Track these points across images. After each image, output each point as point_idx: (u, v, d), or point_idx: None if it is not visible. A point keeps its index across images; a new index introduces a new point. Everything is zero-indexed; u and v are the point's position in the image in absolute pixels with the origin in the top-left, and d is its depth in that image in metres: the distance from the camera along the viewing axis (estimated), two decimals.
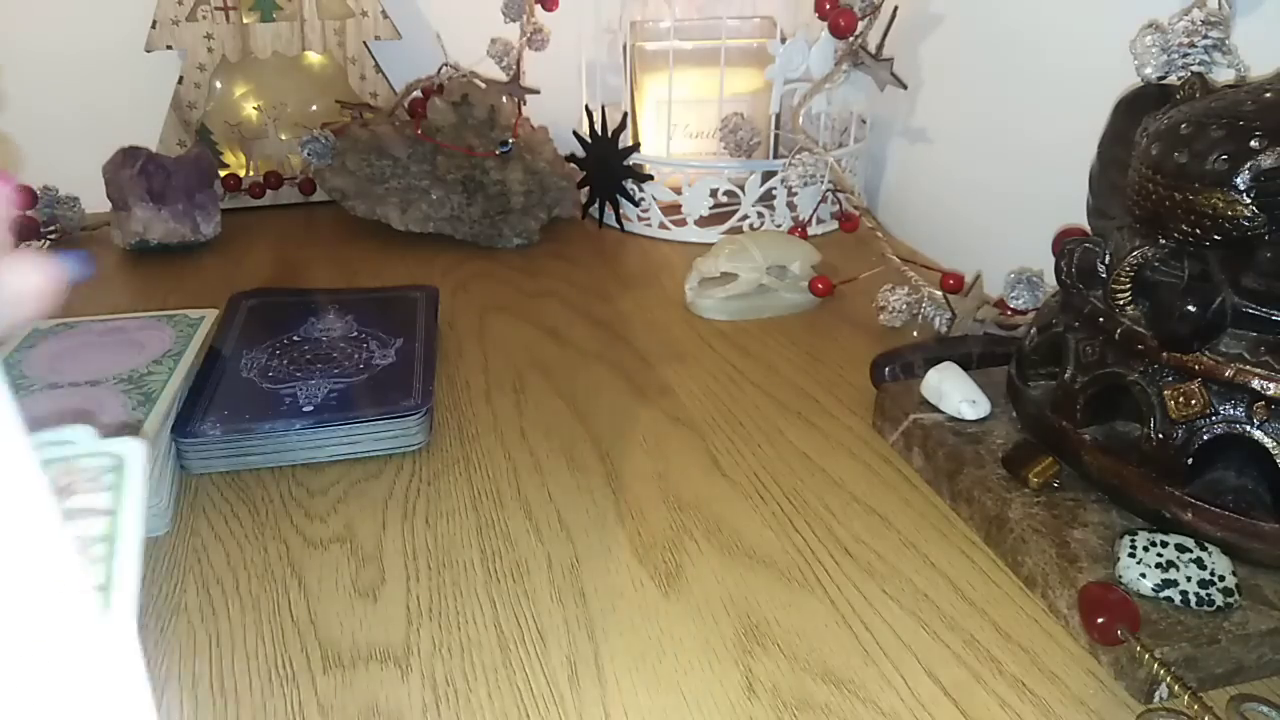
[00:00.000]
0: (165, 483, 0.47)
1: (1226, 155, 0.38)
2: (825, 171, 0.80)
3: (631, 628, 0.40)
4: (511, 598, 0.42)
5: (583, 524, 0.47)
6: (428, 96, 0.87)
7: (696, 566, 0.44)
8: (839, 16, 0.77)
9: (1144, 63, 0.49)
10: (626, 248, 0.85)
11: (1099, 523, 0.43)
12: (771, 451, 0.53)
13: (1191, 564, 0.38)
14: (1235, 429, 0.38)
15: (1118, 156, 0.47)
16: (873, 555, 0.44)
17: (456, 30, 0.93)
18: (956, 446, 0.48)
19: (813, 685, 0.37)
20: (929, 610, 0.41)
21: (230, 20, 0.86)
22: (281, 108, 0.93)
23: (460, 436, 0.54)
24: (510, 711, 0.36)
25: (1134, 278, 0.42)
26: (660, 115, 0.88)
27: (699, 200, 0.85)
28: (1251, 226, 0.38)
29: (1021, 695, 0.37)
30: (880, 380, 0.57)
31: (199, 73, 0.87)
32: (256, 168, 0.94)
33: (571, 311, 0.71)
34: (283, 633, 0.40)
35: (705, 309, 0.70)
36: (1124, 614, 0.36)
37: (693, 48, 0.87)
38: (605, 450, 0.53)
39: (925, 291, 0.66)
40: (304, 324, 0.61)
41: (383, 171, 0.84)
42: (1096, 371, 0.43)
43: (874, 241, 0.75)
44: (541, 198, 0.85)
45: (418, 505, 0.48)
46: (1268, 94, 0.39)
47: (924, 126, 0.88)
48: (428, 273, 0.78)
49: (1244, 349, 0.39)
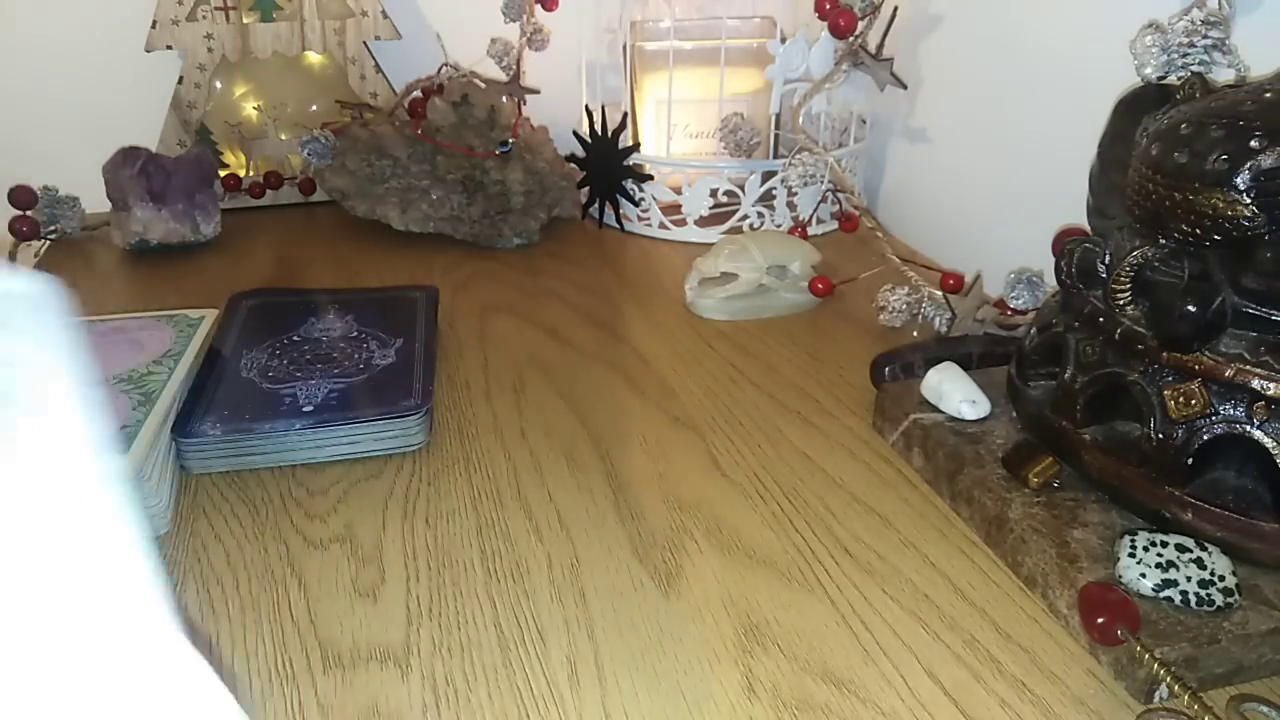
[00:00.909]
0: (165, 483, 0.47)
1: (1226, 155, 0.38)
2: (825, 171, 0.80)
3: (631, 628, 0.40)
4: (511, 598, 0.42)
5: (583, 524, 0.47)
6: (428, 96, 0.87)
7: (696, 566, 0.44)
8: (839, 16, 0.77)
9: (1144, 63, 0.49)
10: (626, 248, 0.85)
11: (1099, 523, 0.43)
12: (771, 451, 0.53)
13: (1191, 564, 0.38)
14: (1235, 429, 0.38)
15: (1118, 156, 0.47)
16: (873, 555, 0.44)
17: (456, 30, 0.93)
18: (956, 446, 0.48)
19: (813, 685, 0.37)
20: (929, 610, 0.41)
21: (230, 20, 0.86)
22: (281, 108, 0.93)
23: (460, 436, 0.54)
24: (510, 711, 0.36)
25: (1134, 278, 0.42)
26: (660, 115, 0.88)
27: (699, 200, 0.85)
28: (1251, 226, 0.38)
29: (1021, 695, 0.37)
30: (880, 380, 0.57)
31: (199, 73, 0.87)
32: (256, 168, 0.94)
33: (571, 311, 0.71)
34: (283, 633, 0.40)
35: (705, 309, 0.70)
36: (1124, 614, 0.36)
37: (693, 48, 0.87)
38: (605, 450, 0.53)
39: (925, 291, 0.66)
40: (304, 324, 0.61)
41: (383, 171, 0.84)
42: (1096, 371, 0.43)
43: (874, 241, 0.75)
44: (541, 198, 0.85)
45: (418, 505, 0.48)
46: (1268, 94, 0.39)
47: (924, 126, 0.88)
48: (428, 273, 0.78)
49: (1244, 349, 0.39)
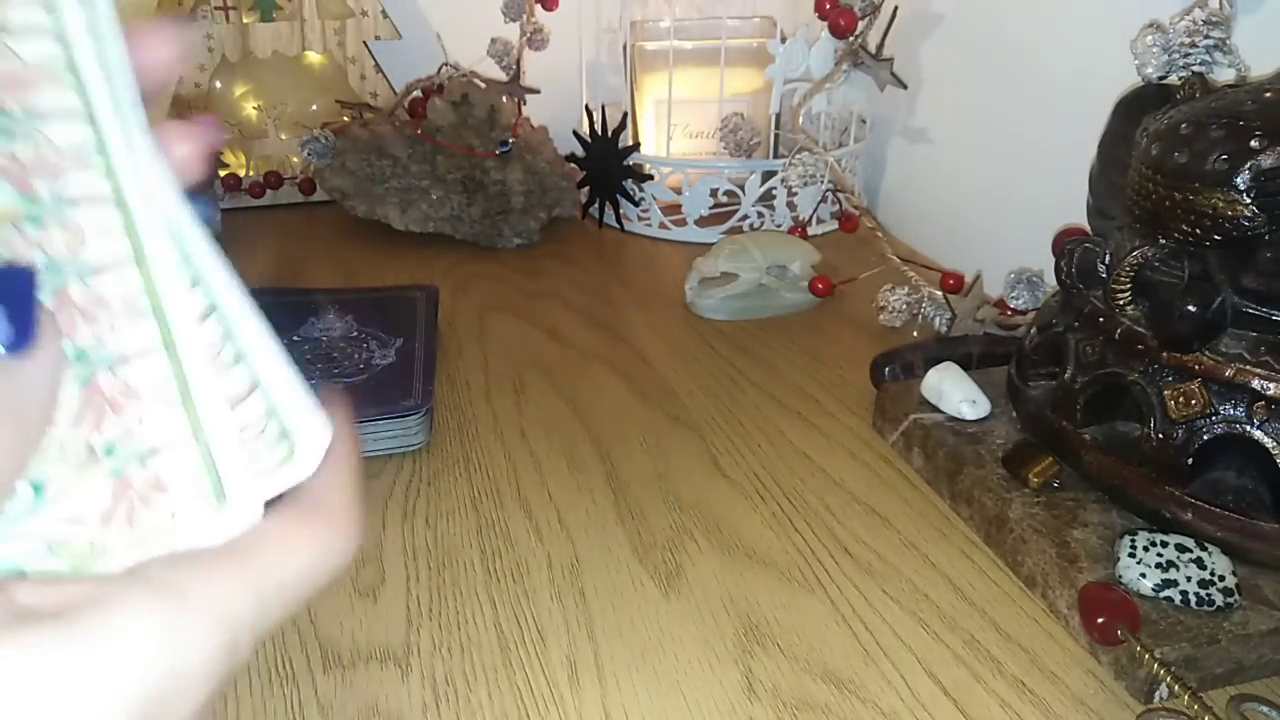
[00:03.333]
0: None
1: (1226, 155, 0.38)
2: (825, 171, 0.80)
3: (631, 628, 0.40)
4: (511, 598, 0.42)
5: (583, 524, 0.47)
6: (428, 96, 0.87)
7: (696, 566, 0.44)
8: (839, 16, 0.77)
9: (1145, 62, 0.49)
10: (626, 248, 0.85)
11: (1099, 523, 0.43)
12: (771, 451, 0.53)
13: (1191, 564, 0.38)
14: (1235, 429, 0.38)
15: (1118, 156, 0.47)
16: (873, 555, 0.44)
17: (456, 30, 0.93)
18: (956, 446, 0.48)
19: (813, 685, 0.37)
20: (929, 610, 0.41)
21: (230, 20, 0.86)
22: (281, 108, 0.93)
23: (460, 436, 0.54)
24: (510, 711, 0.36)
25: (1134, 278, 0.42)
26: (660, 115, 0.88)
27: (699, 200, 0.85)
28: (1251, 226, 0.38)
29: (1021, 695, 0.37)
30: (880, 380, 0.57)
31: (199, 73, 0.87)
32: (256, 168, 0.94)
33: (572, 311, 0.71)
34: (283, 633, 0.40)
35: (705, 309, 0.70)
36: (1124, 614, 0.36)
37: (693, 48, 0.87)
38: (605, 450, 0.53)
39: (925, 291, 0.66)
40: (304, 324, 0.61)
41: (383, 171, 0.84)
42: (1096, 371, 0.43)
43: (874, 241, 0.75)
44: (541, 198, 0.85)
45: (418, 505, 0.48)
46: (1268, 94, 0.39)
47: (924, 126, 0.88)
48: (428, 273, 0.78)
49: (1244, 349, 0.39)
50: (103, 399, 0.18)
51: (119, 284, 0.18)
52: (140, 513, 0.18)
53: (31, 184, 0.18)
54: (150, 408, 0.18)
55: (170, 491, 0.19)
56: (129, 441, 0.18)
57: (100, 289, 0.18)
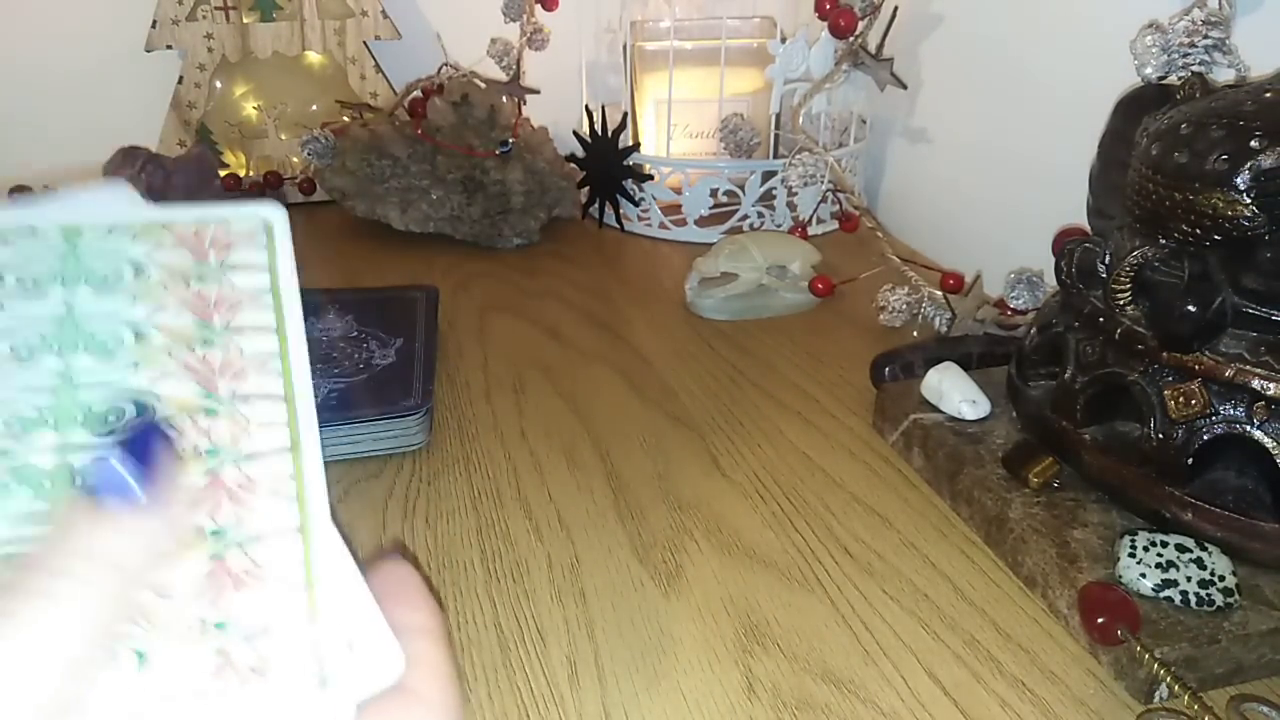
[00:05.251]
0: None
1: (1226, 155, 0.38)
2: (825, 171, 0.80)
3: (631, 628, 0.40)
4: (511, 598, 0.42)
5: (583, 524, 0.47)
6: (428, 96, 0.87)
7: (696, 566, 0.44)
8: (839, 16, 0.77)
9: (1144, 63, 0.49)
10: (626, 248, 0.85)
11: (1099, 523, 0.43)
12: (771, 451, 0.53)
13: (1191, 564, 0.38)
14: (1235, 429, 0.38)
15: (1118, 156, 0.47)
16: (873, 555, 0.44)
17: (456, 30, 0.93)
18: (956, 446, 0.48)
19: (813, 685, 0.37)
20: (929, 610, 0.41)
21: (230, 20, 0.86)
22: (281, 108, 0.93)
23: (460, 436, 0.54)
24: (510, 711, 0.36)
25: (1134, 278, 0.42)
26: (660, 115, 0.88)
27: (699, 200, 0.85)
28: (1251, 226, 0.38)
29: (1021, 695, 0.37)
30: (880, 380, 0.57)
31: (199, 73, 0.87)
32: (256, 168, 0.94)
33: (571, 311, 0.71)
34: None
35: (705, 309, 0.70)
36: (1124, 614, 0.36)
37: (693, 48, 0.87)
38: (605, 450, 0.53)
39: (925, 291, 0.66)
40: (304, 324, 0.61)
41: (383, 171, 0.84)
42: (1096, 371, 0.43)
43: (874, 241, 0.75)
44: (541, 198, 0.85)
45: (418, 505, 0.48)
46: (1268, 94, 0.39)
47: (924, 127, 0.88)
48: (428, 273, 0.78)
49: (1244, 349, 0.39)
50: (228, 576, 0.19)
51: (271, 469, 0.20)
52: (235, 692, 0.18)
53: (215, 383, 0.20)
54: (274, 588, 0.19)
55: (270, 675, 0.19)
56: (241, 620, 0.19)
57: (252, 472, 0.20)
